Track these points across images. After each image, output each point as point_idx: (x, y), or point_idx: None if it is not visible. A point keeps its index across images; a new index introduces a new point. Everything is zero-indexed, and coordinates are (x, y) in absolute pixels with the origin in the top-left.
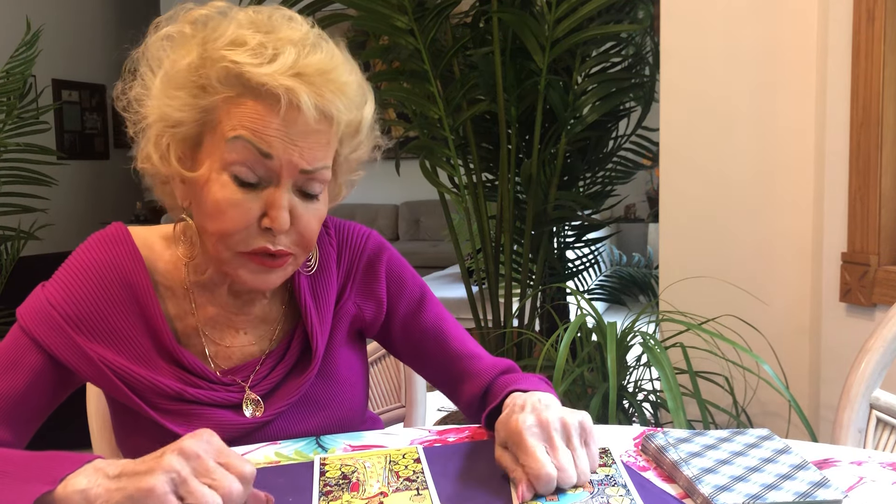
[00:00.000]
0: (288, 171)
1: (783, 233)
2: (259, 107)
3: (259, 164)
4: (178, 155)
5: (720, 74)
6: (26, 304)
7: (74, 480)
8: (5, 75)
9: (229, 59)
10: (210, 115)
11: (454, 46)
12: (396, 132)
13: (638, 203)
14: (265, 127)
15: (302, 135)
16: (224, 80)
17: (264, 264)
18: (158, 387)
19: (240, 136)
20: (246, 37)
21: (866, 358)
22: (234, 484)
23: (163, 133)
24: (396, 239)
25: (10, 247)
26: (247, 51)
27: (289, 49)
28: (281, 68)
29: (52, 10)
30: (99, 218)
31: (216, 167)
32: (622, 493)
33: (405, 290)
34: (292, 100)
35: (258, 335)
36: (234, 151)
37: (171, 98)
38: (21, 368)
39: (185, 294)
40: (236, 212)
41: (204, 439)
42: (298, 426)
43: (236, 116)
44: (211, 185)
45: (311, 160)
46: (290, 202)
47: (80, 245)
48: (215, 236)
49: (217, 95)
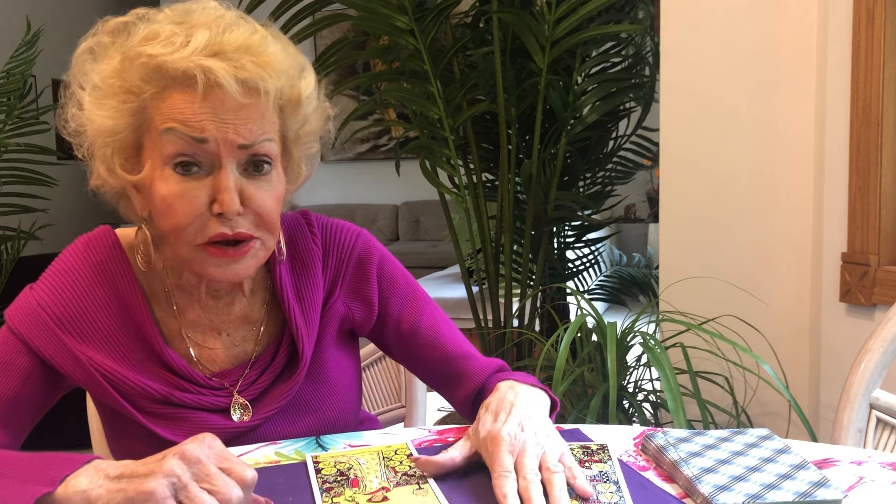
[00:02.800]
0: (226, 149)
1: (783, 233)
2: (184, 95)
3: (197, 150)
4: (122, 162)
5: (720, 74)
6: (14, 306)
7: (75, 481)
8: (5, 75)
9: (146, 54)
10: (142, 116)
11: (454, 46)
12: (396, 132)
13: (638, 203)
14: (193, 114)
15: (231, 111)
16: (146, 78)
17: (227, 255)
18: (145, 390)
19: (171, 128)
20: (158, 30)
21: (866, 358)
22: (235, 490)
23: (104, 145)
24: (396, 239)
25: (10, 247)
26: (160, 42)
27: (201, 31)
28: (194, 50)
29: (53, 10)
30: (99, 218)
31: (157, 164)
32: (612, 490)
33: (397, 290)
34: (209, 78)
35: (241, 336)
36: (170, 143)
37: (101, 108)
38: (12, 370)
39: (167, 298)
40: (183, 202)
41: (206, 443)
42: (288, 429)
43: (165, 110)
44: (156, 183)
45: (247, 134)
46: (238, 183)
47: (66, 247)
48: (172, 234)
49: (144, 94)
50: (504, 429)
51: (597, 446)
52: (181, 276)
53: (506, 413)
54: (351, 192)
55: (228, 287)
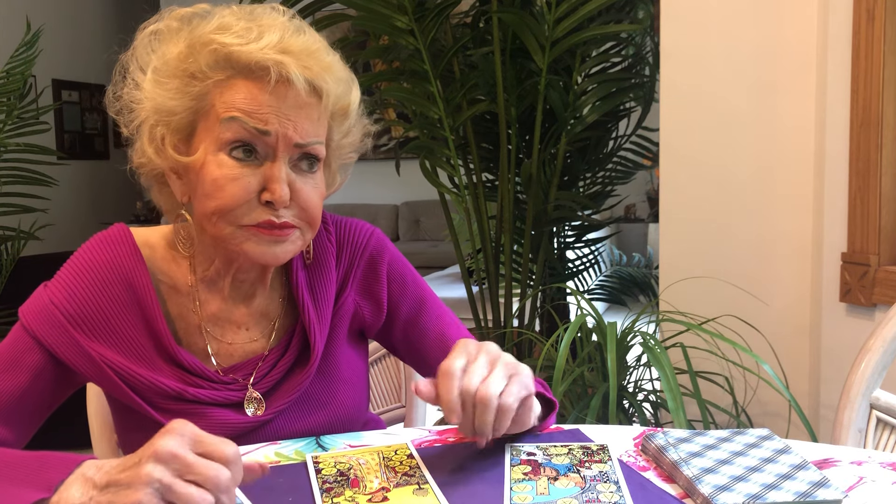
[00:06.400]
0: (284, 144)
1: (783, 233)
2: (250, 85)
3: (256, 140)
4: (174, 143)
5: (720, 74)
6: (29, 304)
7: (67, 493)
8: (5, 75)
9: (217, 42)
10: (202, 101)
11: (454, 46)
12: (396, 132)
13: (638, 203)
14: (259, 106)
15: (294, 108)
16: (213, 64)
17: (273, 234)
18: (159, 386)
19: (234, 117)
20: (231, 23)
21: (866, 358)
22: (221, 472)
23: (157, 124)
24: (396, 239)
25: (11, 247)
26: (233, 33)
27: (273, 30)
28: (268, 45)
29: (52, 10)
30: (99, 218)
31: (212, 149)
32: (612, 490)
33: (406, 292)
34: (282, 72)
35: (259, 331)
36: (230, 131)
37: (163, 89)
38: (22, 367)
39: (189, 292)
40: (235, 186)
41: (177, 433)
42: (299, 424)
43: (229, 98)
44: (208, 166)
45: (304, 134)
46: (289, 177)
47: (82, 245)
48: (216, 214)
49: (208, 80)
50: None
51: (597, 446)
52: (209, 267)
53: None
54: (351, 192)
55: (253, 277)
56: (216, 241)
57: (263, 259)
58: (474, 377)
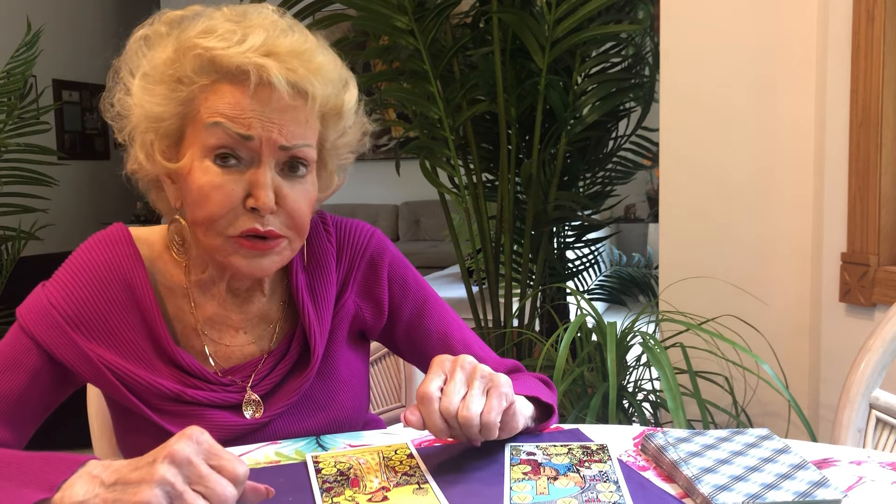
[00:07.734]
0: (268, 148)
1: (783, 233)
2: (234, 90)
3: (239, 145)
4: (162, 150)
5: (720, 74)
6: (26, 304)
7: (71, 491)
8: (6, 75)
9: (201, 46)
10: (189, 106)
11: (454, 46)
12: (396, 132)
13: (638, 203)
14: (241, 111)
15: (278, 112)
16: (198, 69)
17: (256, 248)
18: (157, 388)
19: (217, 122)
20: (216, 25)
21: (866, 358)
22: (228, 489)
23: (146, 130)
24: (396, 239)
25: (11, 247)
26: (216, 36)
27: (258, 32)
28: (250, 48)
29: (52, 10)
30: (99, 218)
31: (198, 155)
32: (612, 490)
33: (408, 293)
34: (262, 76)
35: (257, 334)
36: (214, 136)
37: (151, 94)
38: (21, 368)
39: (185, 294)
40: (219, 194)
41: (194, 439)
42: (298, 426)
43: (213, 103)
44: (194, 173)
45: (290, 137)
46: (275, 182)
47: (80, 245)
48: (204, 224)
49: (193, 85)
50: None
51: (597, 446)
52: (204, 272)
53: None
54: (351, 192)
55: (248, 285)
56: (208, 250)
57: (250, 272)
58: (454, 398)
